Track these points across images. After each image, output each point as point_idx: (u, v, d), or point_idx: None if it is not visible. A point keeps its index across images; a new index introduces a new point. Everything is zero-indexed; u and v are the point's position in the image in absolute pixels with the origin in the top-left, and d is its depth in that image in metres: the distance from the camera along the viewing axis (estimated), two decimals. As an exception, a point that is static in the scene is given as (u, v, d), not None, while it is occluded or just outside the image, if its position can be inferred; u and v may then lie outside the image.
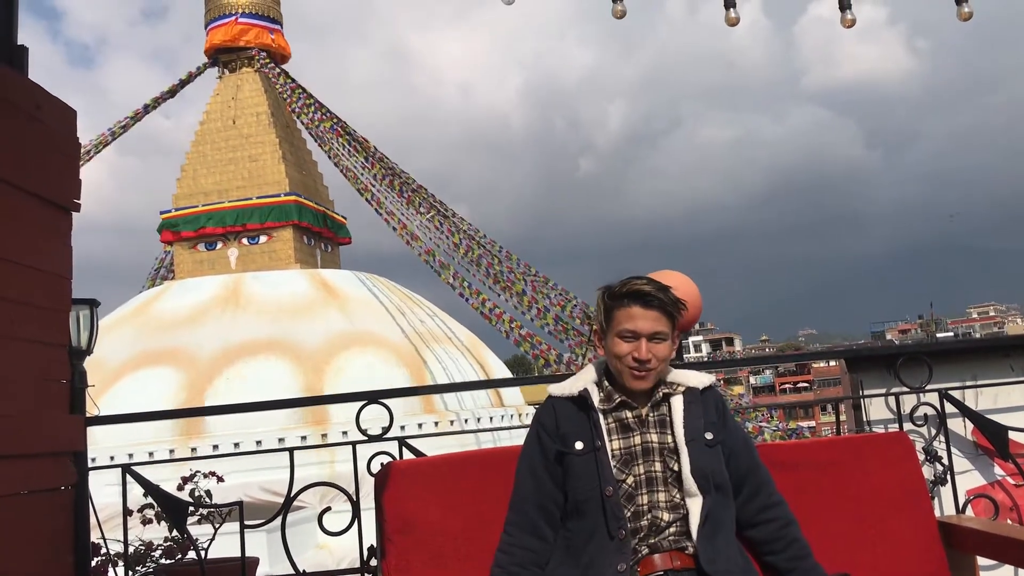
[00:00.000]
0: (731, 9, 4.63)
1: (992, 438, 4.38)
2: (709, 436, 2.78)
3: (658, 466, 2.72)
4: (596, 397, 2.81)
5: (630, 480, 2.69)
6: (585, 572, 2.64)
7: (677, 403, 2.80)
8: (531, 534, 2.74)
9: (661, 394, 2.82)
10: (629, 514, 2.65)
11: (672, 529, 2.67)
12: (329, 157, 23.89)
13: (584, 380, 2.87)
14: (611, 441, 2.74)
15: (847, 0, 4.64)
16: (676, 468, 2.71)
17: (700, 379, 2.88)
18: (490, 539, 2.86)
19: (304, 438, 16.86)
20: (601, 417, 2.77)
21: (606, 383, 2.84)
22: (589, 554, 2.64)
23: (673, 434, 2.75)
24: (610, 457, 2.71)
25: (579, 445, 2.73)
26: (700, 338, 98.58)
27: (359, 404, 4.24)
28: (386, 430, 4.15)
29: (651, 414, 2.80)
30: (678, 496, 2.69)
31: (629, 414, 2.78)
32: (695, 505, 2.67)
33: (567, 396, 2.84)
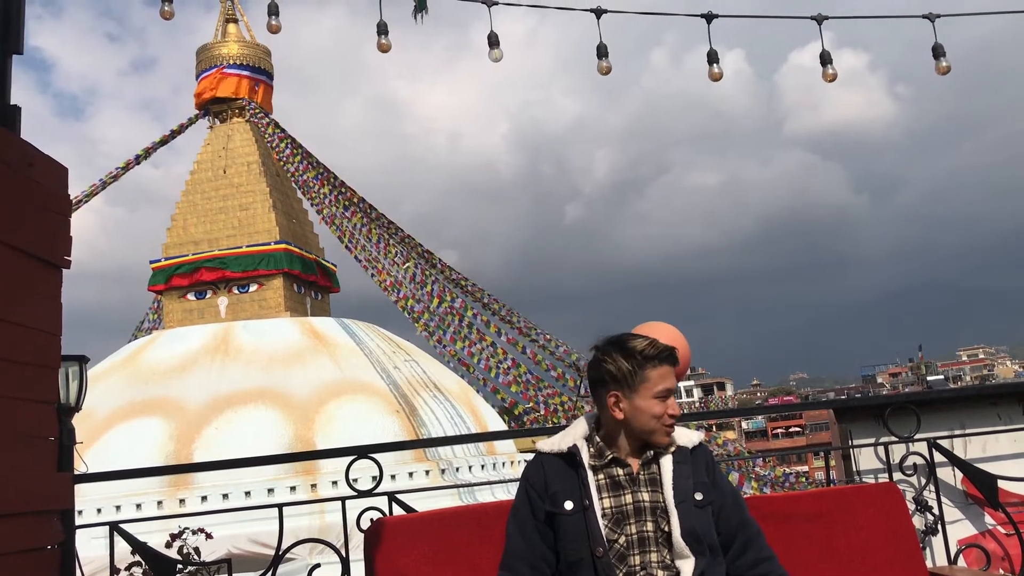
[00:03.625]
0: (714, 64, 4.72)
1: (982, 487, 4.39)
2: (699, 496, 2.76)
3: (650, 526, 2.70)
4: (586, 453, 2.81)
5: (622, 540, 2.67)
6: None
7: (667, 463, 2.79)
8: None
9: (652, 452, 2.81)
10: (622, 575, 2.63)
11: None
12: (312, 205, 24.02)
13: (573, 436, 2.86)
14: (601, 499, 2.73)
15: (828, 55, 4.76)
16: (667, 529, 2.68)
17: (690, 437, 2.88)
18: (480, 596, 2.85)
19: (294, 488, 16.68)
20: (591, 474, 2.76)
21: (597, 439, 2.83)
22: None
23: (663, 494, 2.74)
24: (600, 516, 2.69)
25: (569, 505, 2.72)
26: (691, 383, 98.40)
27: (349, 458, 4.23)
28: (376, 484, 4.14)
29: (642, 472, 2.78)
30: (669, 557, 2.67)
31: (620, 471, 2.78)
32: (687, 566, 2.65)
33: (556, 452, 2.84)
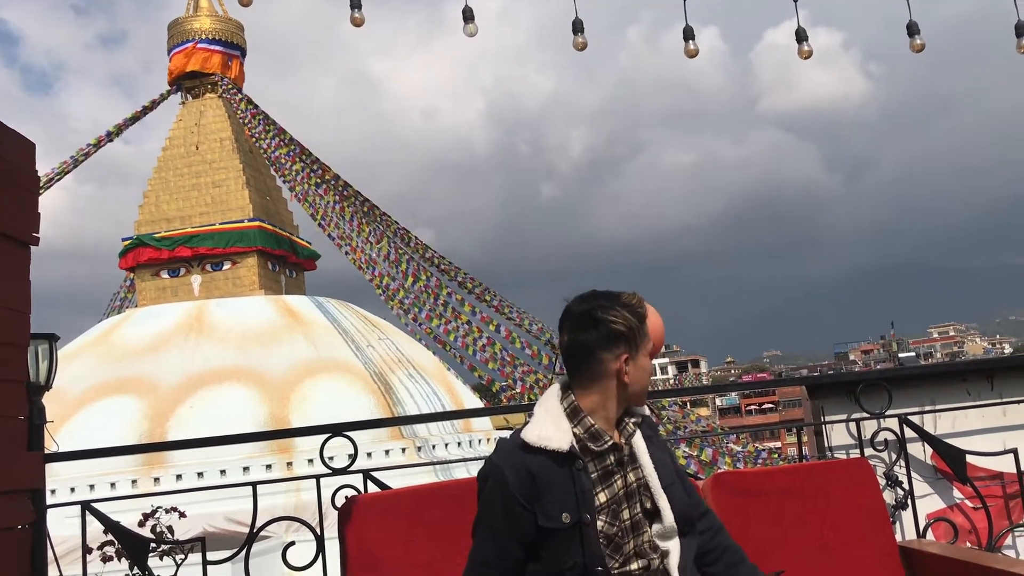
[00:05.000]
0: (690, 41, 4.71)
1: (951, 462, 4.44)
2: (675, 472, 2.63)
3: (638, 507, 2.51)
4: (578, 448, 2.46)
5: (618, 531, 2.44)
6: None
7: (639, 437, 2.58)
8: None
9: (632, 426, 2.58)
10: (618, 564, 2.43)
11: (657, 568, 2.48)
12: (284, 182, 23.86)
13: (564, 427, 2.47)
14: (596, 495, 2.44)
15: (803, 32, 4.76)
16: (649, 506, 2.52)
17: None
18: (455, 572, 2.84)
19: (269, 466, 16.67)
20: (590, 477, 2.45)
21: (589, 420, 2.49)
22: None
23: (644, 471, 2.53)
24: (598, 523, 2.41)
25: (566, 518, 2.37)
26: (666, 360, 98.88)
27: (323, 436, 4.21)
28: (351, 462, 4.12)
29: (625, 450, 2.56)
30: (652, 534, 2.51)
31: (613, 458, 2.51)
32: (675, 545, 2.49)
33: (549, 449, 2.42)
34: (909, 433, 4.51)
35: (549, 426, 2.46)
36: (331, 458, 4.10)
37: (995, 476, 4.53)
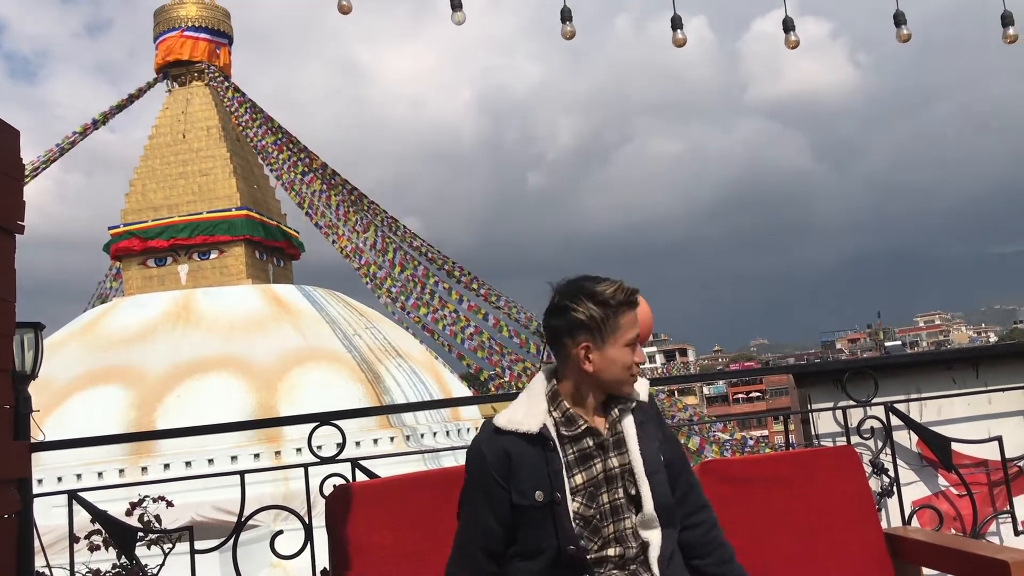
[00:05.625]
0: (678, 30, 4.71)
1: (936, 450, 4.47)
2: (662, 458, 2.63)
3: (621, 492, 2.54)
4: (554, 431, 2.54)
5: (596, 513, 2.51)
6: None
7: (629, 424, 2.61)
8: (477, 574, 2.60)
9: (617, 411, 2.62)
10: (596, 547, 2.48)
11: (636, 557, 2.51)
12: (271, 170, 23.78)
13: (538, 410, 2.57)
14: (571, 477, 2.51)
15: (791, 21, 4.76)
16: (634, 493, 2.54)
17: (644, 387, 2.69)
18: (443, 560, 2.85)
19: (257, 455, 16.63)
20: (562, 458, 2.52)
21: (565, 404, 2.58)
22: None
23: (630, 457, 2.57)
24: (570, 503, 2.48)
25: (539, 496, 2.47)
26: (654, 349, 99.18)
27: (312, 425, 4.20)
28: (340, 451, 4.12)
29: (609, 435, 2.59)
30: (634, 522, 2.53)
31: (591, 441, 2.56)
32: (656, 536, 2.52)
33: (522, 432, 2.52)
34: (895, 421, 4.53)
35: (521, 410, 2.58)
36: (319, 447, 4.10)
37: (980, 463, 4.57)
